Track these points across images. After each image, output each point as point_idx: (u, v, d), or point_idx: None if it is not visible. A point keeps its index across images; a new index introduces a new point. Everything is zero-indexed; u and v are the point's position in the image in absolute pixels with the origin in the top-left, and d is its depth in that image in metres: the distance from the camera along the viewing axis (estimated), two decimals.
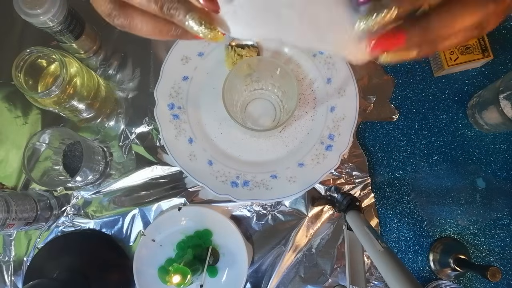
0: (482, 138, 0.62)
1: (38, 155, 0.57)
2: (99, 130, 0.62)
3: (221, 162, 0.58)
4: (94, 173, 0.58)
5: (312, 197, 0.60)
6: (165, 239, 0.58)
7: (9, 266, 0.58)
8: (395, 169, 0.62)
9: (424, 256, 0.60)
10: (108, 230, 0.60)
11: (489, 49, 0.59)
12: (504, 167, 0.61)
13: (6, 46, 0.64)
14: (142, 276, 0.56)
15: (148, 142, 0.61)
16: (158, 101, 0.58)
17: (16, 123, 0.62)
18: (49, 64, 0.56)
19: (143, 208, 0.60)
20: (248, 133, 0.59)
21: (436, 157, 0.62)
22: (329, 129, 0.58)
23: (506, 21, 0.63)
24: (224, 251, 0.58)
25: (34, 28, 0.52)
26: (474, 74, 0.63)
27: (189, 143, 0.58)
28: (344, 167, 0.60)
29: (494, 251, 0.59)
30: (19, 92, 0.50)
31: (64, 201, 0.60)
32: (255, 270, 0.59)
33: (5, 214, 0.50)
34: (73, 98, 0.53)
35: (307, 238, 0.59)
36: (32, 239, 0.59)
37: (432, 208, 0.61)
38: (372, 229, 0.43)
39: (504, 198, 0.60)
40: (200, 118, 0.60)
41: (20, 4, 0.48)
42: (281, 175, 0.58)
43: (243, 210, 0.60)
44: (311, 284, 0.58)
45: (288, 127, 0.60)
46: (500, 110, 0.53)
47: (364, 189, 0.60)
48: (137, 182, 0.60)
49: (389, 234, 0.61)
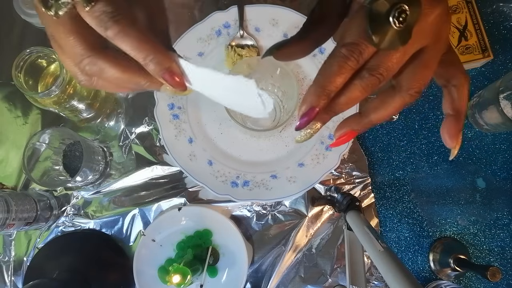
0: (482, 138, 0.62)
1: (38, 155, 0.57)
2: (99, 130, 0.62)
3: (221, 162, 0.58)
4: (94, 173, 0.58)
5: (312, 197, 0.60)
6: (165, 239, 0.58)
7: (9, 266, 0.58)
8: (395, 169, 0.62)
9: (424, 256, 0.60)
10: (108, 230, 0.60)
11: (489, 49, 0.59)
12: (504, 167, 0.61)
13: (6, 46, 0.64)
14: (142, 276, 0.56)
15: (148, 142, 0.61)
16: (158, 101, 0.58)
17: (16, 123, 0.62)
18: (49, 64, 0.56)
19: (143, 208, 0.60)
20: (248, 133, 0.59)
21: (436, 157, 0.62)
22: (329, 129, 0.58)
23: (506, 21, 0.63)
24: (224, 251, 0.58)
25: (34, 28, 0.52)
26: (474, 74, 0.63)
27: (189, 143, 0.58)
28: (344, 167, 0.60)
29: (494, 251, 0.59)
30: (19, 92, 0.50)
31: (64, 201, 0.60)
32: (255, 270, 0.59)
33: (5, 214, 0.50)
34: (73, 98, 0.53)
35: (307, 238, 0.59)
36: (32, 239, 0.59)
37: (432, 208, 0.61)
38: (372, 229, 0.43)
39: (504, 198, 0.60)
40: (200, 118, 0.60)
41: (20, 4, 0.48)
42: (281, 175, 0.58)
43: (243, 210, 0.60)
44: (311, 284, 0.58)
45: (288, 127, 0.60)
46: (500, 110, 0.53)
47: (364, 189, 0.60)
48: (137, 182, 0.60)
49: (389, 234, 0.61)
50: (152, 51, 0.23)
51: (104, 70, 0.24)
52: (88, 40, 0.23)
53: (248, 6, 0.60)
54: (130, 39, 0.22)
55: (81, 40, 0.23)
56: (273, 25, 0.60)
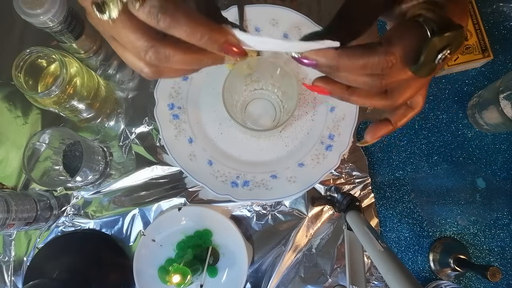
0: (482, 138, 0.62)
1: (38, 155, 0.57)
2: (99, 130, 0.62)
3: (221, 162, 0.58)
4: (94, 173, 0.58)
5: (312, 197, 0.60)
6: (165, 239, 0.58)
7: (9, 266, 0.58)
8: (395, 169, 0.62)
9: (424, 256, 0.60)
10: (108, 230, 0.60)
11: (489, 49, 0.59)
12: (504, 167, 0.61)
13: (6, 46, 0.64)
14: (142, 276, 0.56)
15: (148, 142, 0.61)
16: (158, 101, 0.58)
17: (16, 123, 0.62)
18: (49, 64, 0.56)
19: (143, 208, 0.60)
20: (248, 133, 0.59)
21: (436, 157, 0.62)
22: (329, 129, 0.58)
23: (506, 21, 0.63)
24: (224, 251, 0.58)
25: (34, 28, 0.52)
26: (474, 74, 0.63)
27: (189, 143, 0.58)
28: (344, 167, 0.60)
29: (494, 251, 0.59)
30: (19, 92, 0.50)
31: (64, 201, 0.60)
32: (255, 270, 0.59)
33: (5, 214, 0.50)
34: (73, 98, 0.53)
35: (307, 238, 0.59)
36: (32, 239, 0.59)
37: (432, 208, 0.61)
38: (372, 229, 0.43)
39: (504, 198, 0.60)
40: (200, 118, 0.60)
41: (20, 4, 0.48)
42: (281, 175, 0.58)
43: (243, 210, 0.60)
44: (311, 284, 0.58)
45: (288, 127, 0.60)
46: (500, 110, 0.53)
47: (364, 189, 0.60)
48: (137, 182, 0.60)
49: (389, 234, 0.61)
50: (205, 31, 0.24)
51: (169, 57, 0.25)
52: (147, 32, 0.24)
53: (248, 6, 0.60)
54: (182, 26, 0.23)
55: (141, 33, 0.24)
56: (273, 25, 0.60)
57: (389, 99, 0.28)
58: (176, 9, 0.23)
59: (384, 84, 0.26)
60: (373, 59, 0.24)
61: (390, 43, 0.25)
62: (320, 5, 0.63)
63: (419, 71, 0.25)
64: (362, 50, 0.25)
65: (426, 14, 0.25)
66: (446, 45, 0.24)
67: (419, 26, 0.25)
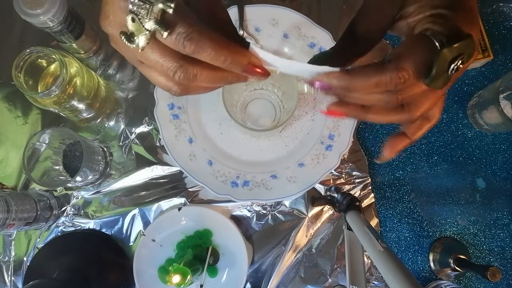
0: (482, 138, 0.62)
1: (38, 155, 0.57)
2: (99, 130, 0.62)
3: (221, 162, 0.58)
4: (94, 173, 0.58)
5: (312, 197, 0.60)
6: (165, 239, 0.58)
7: (9, 266, 0.58)
8: (395, 169, 0.62)
9: (424, 256, 0.60)
10: (108, 230, 0.60)
11: (489, 49, 0.59)
12: (504, 167, 0.61)
13: (6, 46, 0.64)
14: (142, 276, 0.56)
15: (148, 142, 0.61)
16: (158, 101, 0.58)
17: (16, 123, 0.62)
18: (49, 64, 0.56)
19: (143, 208, 0.60)
20: (248, 133, 0.59)
21: (436, 157, 0.62)
22: (329, 129, 0.58)
23: (506, 21, 0.63)
24: (224, 251, 0.58)
25: (34, 28, 0.52)
26: (474, 74, 0.63)
27: (189, 143, 0.58)
28: (344, 167, 0.60)
29: (494, 251, 0.59)
30: (19, 92, 0.50)
31: (64, 201, 0.60)
32: (255, 270, 0.59)
33: (5, 214, 0.50)
34: (73, 98, 0.53)
35: (307, 238, 0.59)
36: (32, 239, 0.59)
37: (432, 208, 0.61)
38: (372, 229, 0.43)
39: (504, 198, 0.60)
40: (200, 118, 0.60)
41: (20, 4, 0.48)
42: (281, 175, 0.58)
43: (243, 210, 0.60)
44: (311, 284, 0.58)
45: (288, 127, 0.60)
46: (500, 110, 0.53)
47: (364, 189, 0.60)
48: (137, 182, 0.60)
49: (389, 234, 0.61)
50: (229, 55, 0.25)
51: (197, 75, 0.26)
52: (175, 54, 0.25)
53: (248, 6, 0.60)
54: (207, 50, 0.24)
55: (170, 56, 0.25)
56: (273, 25, 0.60)
57: (406, 112, 0.28)
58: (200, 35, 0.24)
59: (400, 99, 0.26)
60: (385, 76, 0.25)
61: (400, 59, 0.25)
62: (320, 5, 0.63)
63: (433, 83, 0.25)
64: (374, 69, 0.25)
65: (433, 27, 0.26)
66: (457, 55, 0.24)
67: (428, 39, 0.25)
